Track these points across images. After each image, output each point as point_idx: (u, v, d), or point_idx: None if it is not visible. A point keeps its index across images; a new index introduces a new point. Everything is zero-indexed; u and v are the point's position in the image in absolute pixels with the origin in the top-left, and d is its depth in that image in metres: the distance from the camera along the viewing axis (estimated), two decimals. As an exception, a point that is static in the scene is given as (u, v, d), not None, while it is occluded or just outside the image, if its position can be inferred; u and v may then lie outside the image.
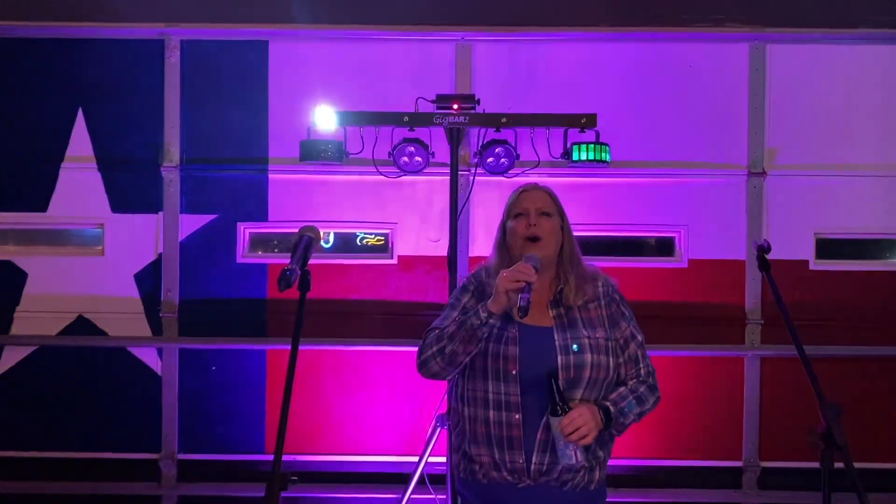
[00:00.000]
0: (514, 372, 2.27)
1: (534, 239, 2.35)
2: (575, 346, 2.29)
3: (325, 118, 3.91)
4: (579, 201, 4.25)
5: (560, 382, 2.25)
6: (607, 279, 2.46)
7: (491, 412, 2.30)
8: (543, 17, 4.23)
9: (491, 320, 2.23)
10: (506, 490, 2.31)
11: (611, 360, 2.33)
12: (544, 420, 2.25)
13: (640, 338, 2.42)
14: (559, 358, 2.27)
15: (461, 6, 4.25)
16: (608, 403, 2.29)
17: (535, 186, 2.51)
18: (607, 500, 2.45)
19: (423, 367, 2.35)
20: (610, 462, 2.43)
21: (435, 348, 2.31)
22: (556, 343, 2.29)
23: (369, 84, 4.23)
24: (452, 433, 2.48)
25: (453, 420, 2.48)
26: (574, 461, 2.22)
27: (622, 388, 2.34)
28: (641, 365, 2.40)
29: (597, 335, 2.33)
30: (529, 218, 2.38)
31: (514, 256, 2.38)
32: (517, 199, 2.46)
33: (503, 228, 2.47)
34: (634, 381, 2.37)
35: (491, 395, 2.30)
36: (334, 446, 4.27)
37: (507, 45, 4.26)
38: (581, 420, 2.19)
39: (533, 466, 2.27)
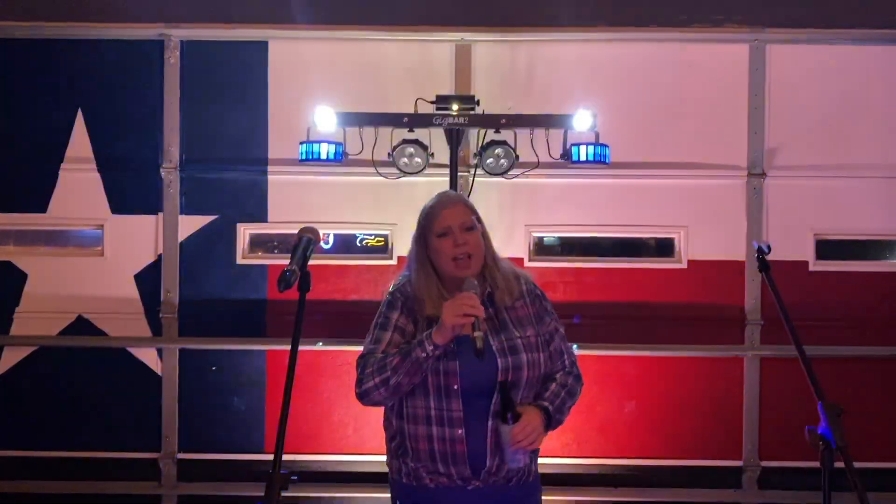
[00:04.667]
0: (455, 387, 2.26)
1: (465, 258, 2.32)
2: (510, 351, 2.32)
3: (324, 119, 3.91)
4: (579, 202, 4.25)
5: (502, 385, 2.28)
6: (527, 277, 2.47)
7: (434, 428, 2.30)
8: (543, 18, 4.23)
9: (437, 352, 2.22)
10: (455, 493, 2.32)
11: (541, 355, 2.36)
12: (491, 425, 2.27)
13: (562, 331, 2.45)
14: (499, 361, 2.28)
15: (461, 7, 4.25)
16: (546, 404, 2.31)
17: (451, 199, 2.44)
18: (617, 500, 2.44)
19: (365, 397, 2.31)
20: (609, 462, 2.44)
21: (378, 379, 2.27)
22: (494, 347, 2.29)
23: (369, 85, 4.23)
24: (390, 444, 2.46)
25: (389, 433, 2.47)
26: (522, 464, 2.33)
27: (553, 385, 2.37)
28: (566, 356, 2.43)
29: (527, 333, 2.35)
30: (455, 237, 2.32)
31: (441, 273, 2.36)
32: (438, 216, 2.36)
33: (423, 243, 2.38)
34: (561, 373, 2.41)
35: (433, 412, 2.29)
36: (334, 446, 4.27)
37: (507, 45, 4.26)
38: (531, 428, 2.23)
39: (483, 472, 2.29)
